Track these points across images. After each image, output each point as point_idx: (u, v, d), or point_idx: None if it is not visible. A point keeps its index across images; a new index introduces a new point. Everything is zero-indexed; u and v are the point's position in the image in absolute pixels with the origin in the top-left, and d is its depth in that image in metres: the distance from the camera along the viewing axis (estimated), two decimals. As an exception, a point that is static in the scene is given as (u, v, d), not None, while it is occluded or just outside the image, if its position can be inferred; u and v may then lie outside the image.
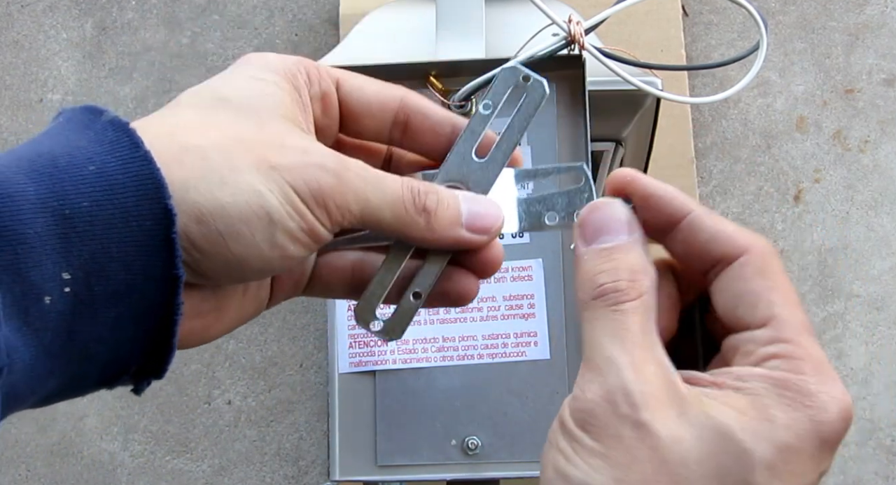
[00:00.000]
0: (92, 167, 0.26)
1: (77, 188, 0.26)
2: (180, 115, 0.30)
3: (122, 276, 0.26)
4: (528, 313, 0.49)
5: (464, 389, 0.49)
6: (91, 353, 0.27)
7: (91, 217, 0.26)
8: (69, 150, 0.27)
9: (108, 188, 0.26)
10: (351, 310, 0.51)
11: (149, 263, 0.27)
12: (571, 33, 0.48)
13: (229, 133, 0.29)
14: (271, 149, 0.29)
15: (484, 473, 0.49)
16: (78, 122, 0.28)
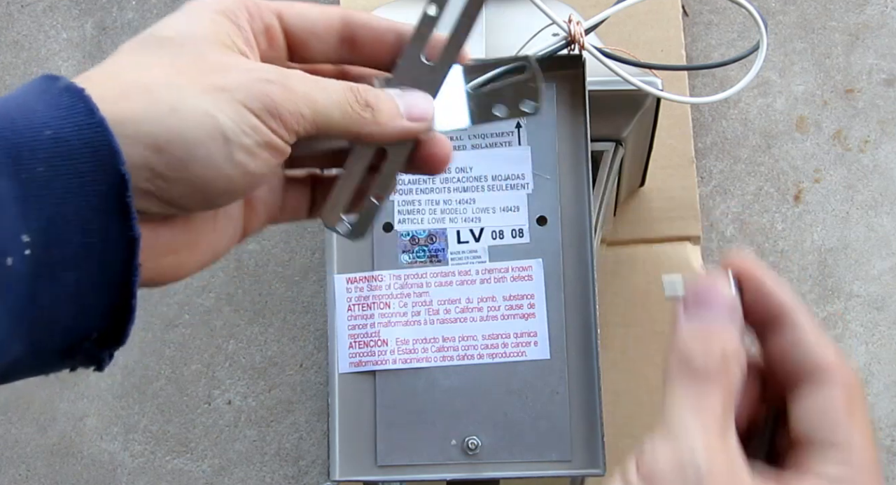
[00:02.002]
0: (48, 131, 0.27)
1: (33, 153, 0.26)
2: (121, 60, 0.30)
3: (80, 239, 0.27)
4: (528, 313, 0.49)
5: (464, 389, 0.49)
6: (52, 317, 0.27)
7: (46, 181, 0.26)
8: (25, 113, 0.27)
9: (63, 154, 0.27)
10: (351, 310, 0.51)
11: (105, 226, 0.27)
12: (571, 33, 0.48)
13: (171, 68, 0.30)
14: (215, 73, 0.30)
15: (484, 473, 0.49)
16: (35, 88, 0.28)
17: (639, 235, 0.80)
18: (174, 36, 0.31)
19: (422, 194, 0.50)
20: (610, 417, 0.62)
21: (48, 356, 0.29)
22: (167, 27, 0.31)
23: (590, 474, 0.47)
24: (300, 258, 0.87)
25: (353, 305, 0.50)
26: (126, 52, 0.31)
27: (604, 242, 0.79)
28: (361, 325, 0.49)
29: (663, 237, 0.80)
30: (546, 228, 0.49)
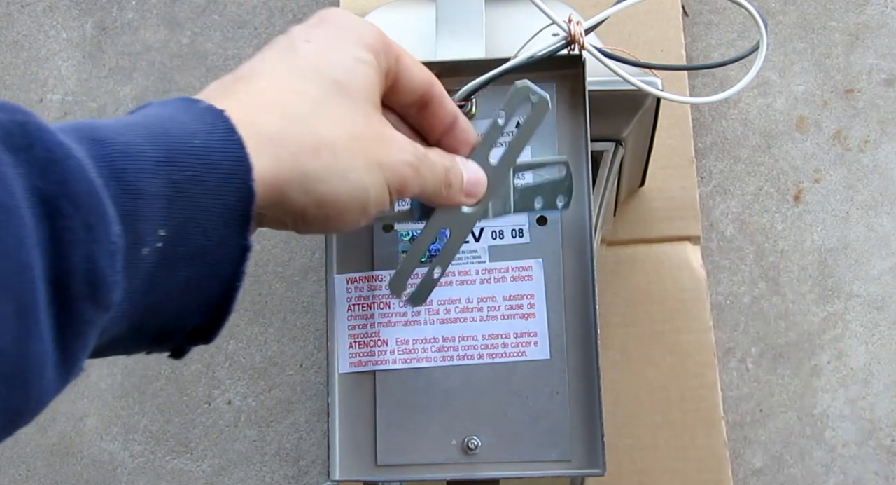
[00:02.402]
0: (197, 141, 0.30)
1: (185, 158, 0.29)
2: (307, 94, 0.34)
3: (201, 240, 0.30)
4: (528, 313, 0.49)
5: (464, 389, 0.49)
6: (159, 307, 0.30)
7: (192, 185, 0.29)
8: (177, 124, 0.30)
9: (209, 162, 0.30)
10: (352, 310, 0.51)
11: (225, 233, 0.30)
12: (571, 33, 0.48)
13: (349, 128, 0.34)
14: (377, 146, 0.35)
15: (484, 473, 0.49)
16: (176, 106, 0.31)
17: (639, 235, 0.80)
18: (346, 83, 0.35)
19: (422, 194, 0.50)
20: (610, 417, 0.63)
21: (142, 339, 0.32)
22: (337, 65, 0.35)
23: (590, 474, 0.47)
24: (300, 258, 0.87)
25: (353, 305, 0.50)
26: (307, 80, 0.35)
27: (604, 242, 0.79)
28: (361, 325, 0.49)
29: (663, 237, 0.80)
30: (546, 228, 0.49)
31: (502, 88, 0.49)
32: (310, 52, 0.35)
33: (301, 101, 0.34)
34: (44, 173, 0.26)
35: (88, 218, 0.26)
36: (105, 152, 0.28)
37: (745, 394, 0.81)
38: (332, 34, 0.36)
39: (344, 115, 0.34)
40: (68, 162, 0.26)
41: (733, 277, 0.83)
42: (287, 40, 0.36)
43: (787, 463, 0.80)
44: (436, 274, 0.45)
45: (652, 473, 0.76)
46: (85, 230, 0.26)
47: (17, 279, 0.25)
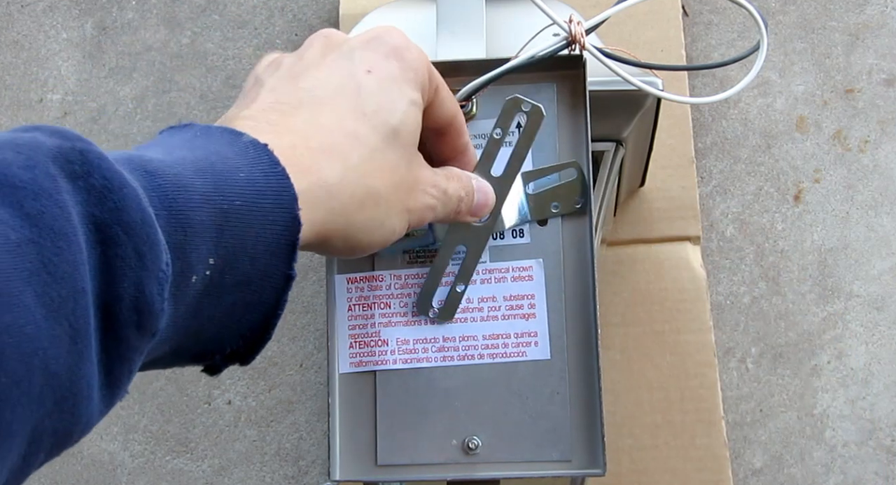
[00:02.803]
0: (242, 174, 0.30)
1: (232, 188, 0.30)
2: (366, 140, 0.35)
3: (248, 268, 0.31)
4: (529, 313, 0.49)
5: (464, 389, 0.49)
6: (202, 331, 0.31)
7: (241, 215, 0.30)
8: (221, 158, 0.31)
9: (255, 193, 0.30)
10: (352, 310, 0.51)
11: (271, 262, 0.31)
12: (572, 33, 0.48)
13: (395, 178, 0.36)
14: (411, 192, 0.37)
15: (484, 473, 0.49)
16: (219, 138, 0.32)
17: (639, 235, 0.80)
18: (402, 133, 0.37)
19: (422, 194, 0.50)
20: (610, 417, 0.63)
21: (181, 360, 0.32)
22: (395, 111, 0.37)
23: (590, 474, 0.47)
24: (300, 258, 0.87)
25: (353, 305, 0.50)
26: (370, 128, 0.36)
27: (604, 242, 0.79)
28: (361, 325, 0.49)
29: (663, 237, 0.80)
30: (546, 228, 0.49)
31: (503, 89, 0.49)
32: (372, 90, 0.36)
33: (360, 148, 0.35)
34: (100, 201, 0.26)
35: (140, 246, 0.27)
36: (157, 184, 0.28)
37: (745, 394, 0.81)
38: (392, 67, 0.37)
39: (393, 163, 0.36)
40: (123, 191, 0.27)
41: (733, 277, 0.83)
42: (348, 66, 0.36)
43: (787, 463, 0.80)
44: (459, 289, 0.48)
45: (652, 473, 0.76)
46: (136, 258, 0.27)
47: (72, 304, 0.25)
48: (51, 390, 0.25)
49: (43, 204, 0.25)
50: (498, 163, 0.47)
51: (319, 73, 0.36)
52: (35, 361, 0.24)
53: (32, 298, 0.24)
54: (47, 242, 0.25)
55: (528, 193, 0.48)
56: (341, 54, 0.37)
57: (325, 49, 0.37)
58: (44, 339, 0.24)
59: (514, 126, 0.47)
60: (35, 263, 0.24)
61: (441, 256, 0.47)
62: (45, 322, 0.24)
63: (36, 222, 0.25)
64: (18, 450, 0.25)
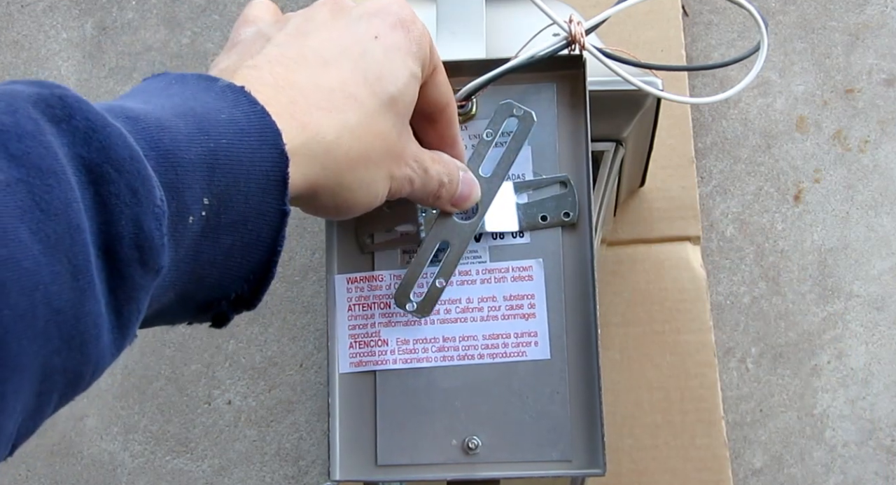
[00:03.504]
0: (223, 116, 0.31)
1: (216, 128, 0.30)
2: (365, 104, 0.36)
3: (242, 207, 0.31)
4: (528, 313, 0.49)
5: (464, 389, 0.49)
6: (204, 275, 0.31)
7: (229, 153, 0.30)
8: (200, 102, 0.31)
9: (238, 131, 0.31)
10: (352, 310, 0.51)
11: (264, 199, 0.32)
12: (572, 33, 0.48)
13: (386, 144, 0.37)
14: (397, 160, 0.38)
15: (484, 473, 0.49)
16: (195, 84, 0.32)
17: (639, 235, 0.80)
18: (400, 101, 0.37)
19: (422, 194, 0.50)
20: (610, 417, 0.63)
21: (188, 309, 0.33)
22: (395, 79, 0.37)
23: (590, 474, 0.47)
24: (300, 258, 0.87)
25: (353, 305, 0.50)
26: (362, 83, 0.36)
27: (604, 242, 0.79)
28: (361, 325, 0.49)
29: (663, 237, 0.80)
30: (546, 228, 0.49)
31: (502, 88, 0.49)
32: (376, 56, 0.36)
33: (358, 110, 0.35)
34: (86, 141, 0.26)
35: (133, 183, 0.27)
36: (140, 127, 0.28)
37: (745, 394, 0.81)
38: (398, 37, 0.37)
39: (387, 130, 0.37)
40: (108, 130, 0.27)
41: (733, 277, 0.83)
42: (356, 30, 0.37)
43: (787, 463, 0.80)
44: (439, 284, 0.47)
45: (652, 473, 0.76)
46: (130, 194, 0.27)
47: (69, 241, 0.25)
48: (56, 327, 0.25)
49: (28, 145, 0.25)
50: (488, 164, 0.48)
51: (327, 34, 0.37)
52: (37, 296, 0.24)
53: (27, 235, 0.24)
54: (36, 181, 0.25)
55: (518, 203, 0.48)
56: (350, 19, 0.37)
57: (335, 13, 0.38)
58: (44, 274, 0.24)
59: (505, 130, 0.48)
60: (26, 201, 0.24)
61: (423, 251, 0.47)
62: (44, 258, 0.24)
63: (23, 163, 0.25)
64: (31, 387, 0.25)
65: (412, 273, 0.47)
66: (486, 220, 0.48)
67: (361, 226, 0.49)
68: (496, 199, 0.48)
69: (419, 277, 0.47)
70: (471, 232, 0.47)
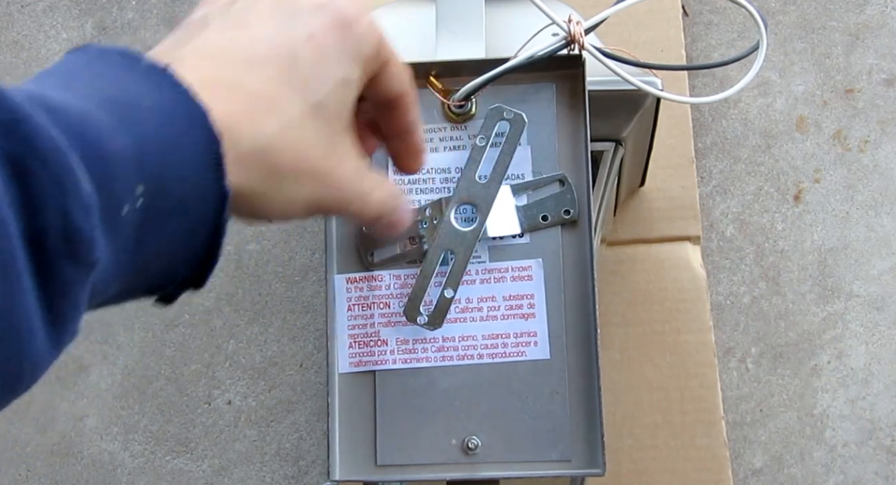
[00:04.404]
0: (147, 102, 0.30)
1: (141, 115, 0.29)
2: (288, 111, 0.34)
3: (179, 193, 0.30)
4: (528, 313, 0.49)
5: (464, 389, 0.49)
6: (150, 263, 0.30)
7: (157, 138, 0.29)
8: (123, 88, 0.30)
9: (165, 116, 0.30)
10: (352, 310, 0.51)
11: (201, 182, 0.31)
12: (571, 33, 0.48)
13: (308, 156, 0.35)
14: (325, 180, 0.36)
15: (484, 473, 0.49)
16: (118, 64, 0.31)
17: (639, 235, 0.80)
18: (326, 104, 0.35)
19: (422, 194, 0.50)
20: (610, 417, 0.63)
21: (134, 295, 0.32)
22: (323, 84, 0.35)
23: (590, 474, 0.47)
24: (300, 258, 0.87)
25: (353, 305, 0.50)
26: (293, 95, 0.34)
27: (604, 242, 0.79)
28: (361, 325, 0.49)
29: (663, 237, 0.80)
30: (546, 228, 0.49)
31: (502, 88, 0.49)
32: (306, 59, 0.35)
33: (277, 118, 0.34)
34: (8, 134, 0.26)
35: (58, 175, 0.26)
36: (61, 118, 0.27)
37: (745, 394, 0.81)
38: (334, 39, 0.36)
39: (310, 141, 0.35)
40: (30, 121, 0.26)
41: (733, 277, 0.83)
42: (291, 28, 0.35)
43: (787, 463, 0.80)
44: (447, 294, 0.47)
45: (652, 473, 0.76)
46: (55, 186, 0.26)
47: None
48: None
49: None
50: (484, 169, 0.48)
51: (261, 31, 0.35)
52: None
53: None
54: None
55: (517, 206, 0.48)
56: (290, 13, 0.36)
57: (277, 4, 0.36)
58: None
59: (497, 133, 0.48)
60: None
61: (428, 262, 0.48)
62: None
63: None
64: None
65: (419, 286, 0.48)
66: (487, 225, 0.48)
67: (363, 243, 0.49)
68: (496, 203, 0.48)
69: (426, 290, 0.48)
70: (474, 239, 0.48)
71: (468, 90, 0.48)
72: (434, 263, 0.48)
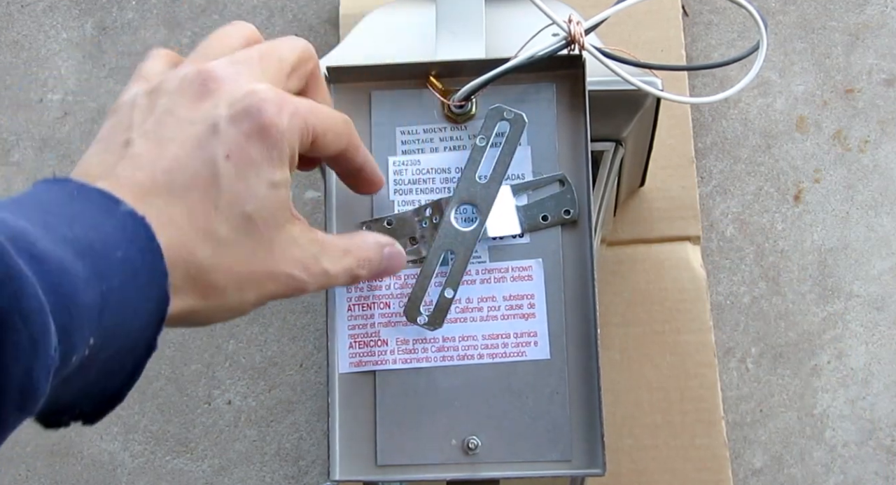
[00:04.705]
0: (119, 253, 0.31)
1: (111, 269, 0.30)
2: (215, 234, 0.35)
3: (118, 345, 0.31)
4: (528, 313, 0.49)
5: (464, 389, 0.49)
6: (60, 397, 0.31)
7: (119, 294, 0.31)
8: (100, 235, 0.31)
9: (131, 272, 0.31)
10: (352, 310, 0.51)
11: (141, 336, 0.32)
12: (571, 33, 0.48)
13: (245, 268, 0.36)
14: (270, 278, 0.37)
15: (484, 473, 0.49)
16: (98, 205, 0.32)
17: (639, 235, 0.80)
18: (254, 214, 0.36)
19: (422, 194, 0.50)
20: (610, 417, 0.63)
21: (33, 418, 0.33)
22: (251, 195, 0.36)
23: (590, 474, 0.47)
24: (300, 258, 0.87)
25: (353, 305, 0.50)
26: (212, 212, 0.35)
27: (604, 242, 0.79)
28: (361, 325, 0.49)
29: (663, 237, 0.80)
30: (546, 228, 0.49)
31: (502, 88, 0.49)
32: (228, 178, 0.35)
33: (208, 244, 0.35)
34: (1, 288, 0.27)
35: (35, 334, 0.27)
36: (43, 269, 0.29)
37: (745, 394, 0.81)
38: (253, 151, 0.35)
39: (245, 255, 0.36)
40: (23, 280, 0.27)
41: (733, 277, 0.83)
42: (209, 147, 0.35)
43: (787, 463, 0.80)
44: (448, 294, 0.47)
45: (652, 473, 0.76)
46: (30, 345, 0.27)
47: None
48: None
49: None
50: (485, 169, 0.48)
51: (181, 150, 0.35)
52: None
53: None
54: None
55: (517, 206, 0.48)
56: (208, 127, 0.35)
57: (195, 104, 0.36)
58: None
59: (497, 133, 0.48)
60: None
61: (428, 262, 0.48)
62: None
63: None
64: None
65: (420, 286, 0.47)
66: (487, 226, 0.48)
67: None
68: (496, 203, 0.48)
69: (426, 290, 0.48)
70: (474, 240, 0.48)
71: (468, 90, 0.48)
72: (434, 264, 0.47)
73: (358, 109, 0.51)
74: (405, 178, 0.50)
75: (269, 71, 0.38)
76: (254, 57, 0.39)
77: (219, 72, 0.37)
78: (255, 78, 0.37)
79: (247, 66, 0.38)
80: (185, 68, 0.38)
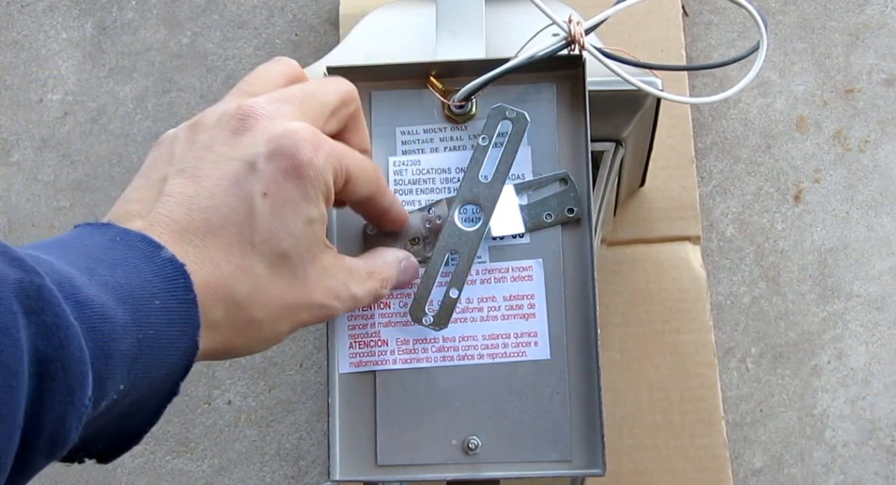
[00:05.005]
0: (157, 302, 0.31)
1: (148, 318, 0.31)
2: (251, 271, 0.36)
3: (146, 389, 0.32)
4: (528, 313, 0.49)
5: (464, 389, 0.49)
6: (84, 437, 0.32)
7: (152, 343, 0.31)
8: (140, 282, 0.31)
9: (167, 322, 0.32)
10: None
11: (166, 383, 0.32)
12: (571, 33, 0.48)
13: (281, 302, 0.37)
14: (306, 308, 0.38)
15: (484, 473, 0.49)
16: (139, 250, 0.32)
17: (639, 235, 0.80)
18: (290, 252, 0.36)
19: (422, 194, 0.50)
20: (610, 417, 0.63)
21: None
22: (287, 233, 0.36)
23: (590, 474, 0.47)
24: (300, 258, 0.87)
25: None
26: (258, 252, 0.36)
27: (604, 242, 0.79)
28: (361, 325, 0.49)
29: (663, 237, 0.80)
30: (546, 228, 0.49)
31: (502, 88, 0.49)
32: (265, 216, 0.35)
33: (245, 281, 0.35)
34: (47, 337, 0.27)
35: (73, 383, 0.28)
36: (86, 315, 0.29)
37: (745, 394, 0.81)
38: (289, 189, 0.36)
39: (281, 290, 0.36)
40: (70, 329, 0.28)
41: (733, 277, 0.83)
42: (246, 185, 0.35)
43: (787, 463, 0.80)
44: (452, 294, 0.47)
45: (652, 473, 0.76)
46: (67, 393, 0.28)
47: (6, 441, 0.27)
48: None
49: (3, 343, 0.26)
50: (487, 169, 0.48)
51: (217, 188, 0.35)
52: None
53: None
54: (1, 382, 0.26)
55: (521, 205, 0.48)
56: (244, 165, 0.36)
57: (232, 139, 0.36)
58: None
59: (499, 133, 0.48)
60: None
61: (433, 263, 0.47)
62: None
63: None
64: None
65: (425, 286, 0.47)
66: (491, 225, 0.48)
67: (365, 245, 0.49)
68: (499, 203, 0.48)
69: (431, 290, 0.48)
70: (478, 239, 0.47)
71: (468, 90, 0.48)
72: (439, 264, 0.47)
73: (358, 109, 0.51)
74: (405, 178, 0.50)
75: (309, 111, 0.38)
76: (296, 96, 0.39)
77: (258, 109, 0.37)
78: (294, 117, 0.37)
79: (288, 104, 0.38)
80: (225, 104, 0.38)
